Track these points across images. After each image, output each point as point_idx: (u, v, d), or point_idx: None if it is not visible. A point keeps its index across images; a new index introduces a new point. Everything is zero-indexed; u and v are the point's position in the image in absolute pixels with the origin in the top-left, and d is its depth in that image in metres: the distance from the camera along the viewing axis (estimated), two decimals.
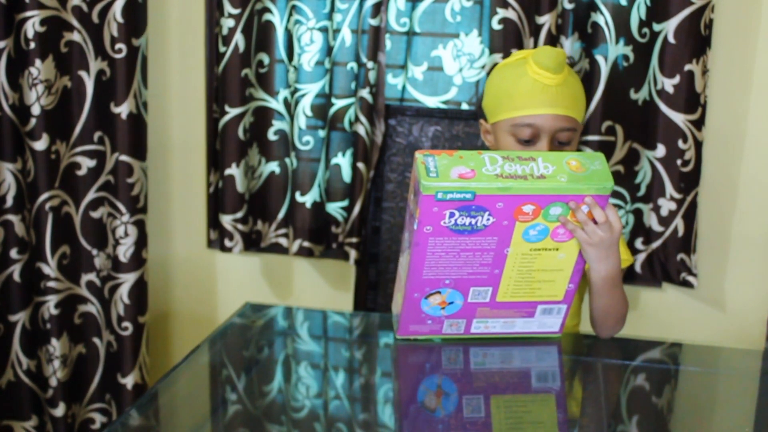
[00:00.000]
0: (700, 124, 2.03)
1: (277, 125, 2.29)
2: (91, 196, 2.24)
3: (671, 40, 1.98)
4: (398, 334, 1.55)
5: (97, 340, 2.31)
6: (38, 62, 2.10)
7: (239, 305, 1.78)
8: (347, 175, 2.26)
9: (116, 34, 2.14)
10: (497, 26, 2.06)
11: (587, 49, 2.08)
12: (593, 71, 2.08)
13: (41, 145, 2.14)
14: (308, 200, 2.28)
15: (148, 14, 2.19)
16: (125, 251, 2.24)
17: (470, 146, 2.09)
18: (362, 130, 2.17)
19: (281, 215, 2.33)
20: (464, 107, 2.21)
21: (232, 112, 2.23)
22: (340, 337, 1.77)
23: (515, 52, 1.81)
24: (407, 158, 2.14)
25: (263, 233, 2.35)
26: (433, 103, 2.23)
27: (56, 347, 2.24)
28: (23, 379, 2.29)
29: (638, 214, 2.13)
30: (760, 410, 1.43)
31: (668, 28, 1.98)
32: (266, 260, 2.41)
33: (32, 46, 2.09)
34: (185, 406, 1.42)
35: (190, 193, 2.41)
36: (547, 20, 2.02)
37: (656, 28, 2.00)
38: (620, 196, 2.13)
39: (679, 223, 2.08)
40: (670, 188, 2.06)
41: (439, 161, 1.38)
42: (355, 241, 2.23)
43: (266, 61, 2.26)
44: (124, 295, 2.26)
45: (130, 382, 2.29)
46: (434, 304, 1.50)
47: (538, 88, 1.59)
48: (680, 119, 2.02)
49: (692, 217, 2.08)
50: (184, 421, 1.37)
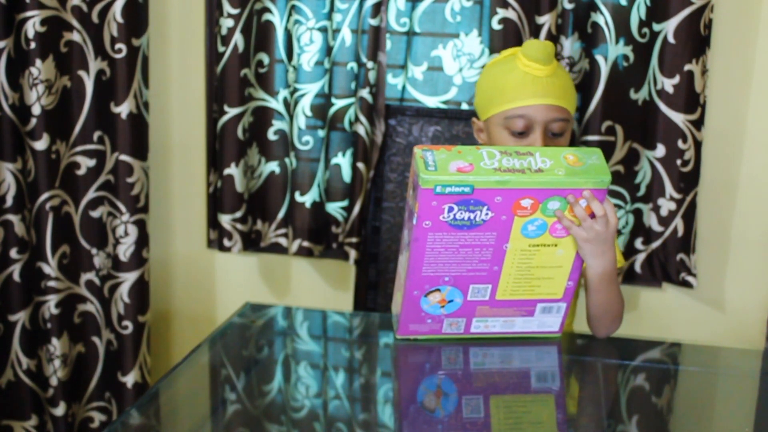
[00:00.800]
0: (699, 124, 2.03)
1: (276, 125, 2.29)
2: (90, 195, 2.24)
3: (671, 40, 1.98)
4: (398, 333, 1.56)
5: (96, 339, 2.31)
6: (38, 62, 2.10)
7: (239, 305, 1.78)
8: (347, 175, 2.26)
9: (116, 34, 2.15)
10: (497, 26, 2.06)
11: (587, 49, 2.08)
12: (593, 71, 2.08)
13: (41, 144, 2.14)
14: (308, 200, 2.28)
15: (149, 14, 2.19)
16: (125, 250, 2.24)
17: (470, 145, 2.09)
18: (362, 130, 2.17)
19: (281, 215, 2.33)
20: (464, 107, 2.21)
21: (231, 111, 2.23)
22: (340, 337, 1.77)
23: (504, 50, 1.81)
24: (407, 158, 2.14)
25: (263, 233, 2.35)
26: (433, 103, 2.23)
27: (56, 347, 2.24)
28: (23, 378, 2.29)
29: (638, 214, 2.13)
30: (760, 410, 1.44)
31: (668, 28, 1.98)
32: (266, 260, 2.41)
33: (32, 46, 2.09)
34: (185, 405, 1.42)
35: (189, 192, 2.41)
36: (547, 20, 2.02)
37: (656, 28, 2.00)
38: (620, 196, 2.13)
39: (678, 223, 2.08)
40: (669, 188, 2.06)
41: (437, 155, 1.40)
42: (355, 241, 2.23)
43: (266, 60, 2.26)
44: (124, 294, 2.26)
45: (130, 380, 2.29)
46: (434, 302, 1.50)
47: (528, 79, 1.60)
48: (680, 119, 2.02)
49: (692, 217, 2.08)
50: (184, 420, 1.37)
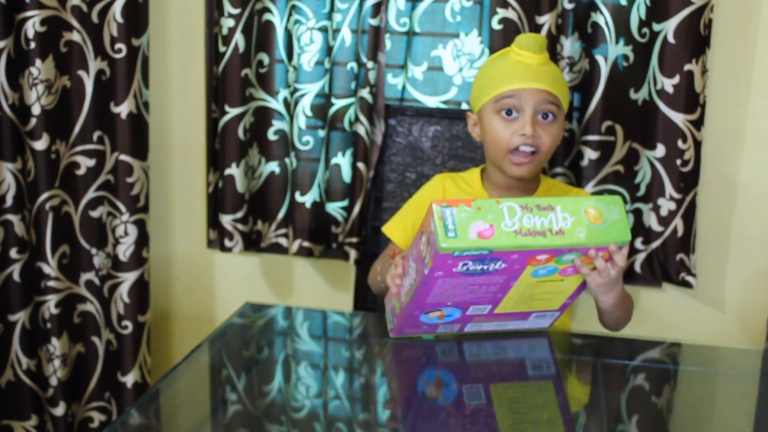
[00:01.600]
0: (699, 124, 2.03)
1: (276, 125, 2.29)
2: (90, 195, 2.24)
3: (671, 40, 1.98)
4: (392, 334, 1.57)
5: (96, 339, 2.31)
6: (38, 62, 2.10)
7: (239, 305, 1.78)
8: (347, 175, 2.26)
9: (116, 34, 2.15)
10: (497, 26, 2.06)
11: (587, 49, 2.08)
12: (593, 71, 2.08)
13: (41, 144, 2.15)
14: (308, 200, 2.28)
15: (149, 14, 2.19)
16: (125, 250, 2.24)
17: (470, 145, 2.09)
18: (362, 130, 2.17)
19: (281, 215, 2.33)
20: (464, 107, 2.21)
21: (232, 112, 2.23)
22: (340, 337, 1.77)
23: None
24: (407, 158, 2.14)
25: (263, 233, 2.35)
26: (433, 103, 2.23)
27: (56, 346, 2.24)
28: (23, 378, 2.29)
29: (638, 213, 2.13)
30: (760, 410, 1.44)
31: (668, 28, 1.98)
32: (266, 260, 2.41)
33: (32, 46, 2.09)
34: (185, 405, 1.42)
35: (189, 192, 2.41)
36: (547, 20, 2.02)
37: (656, 28, 2.00)
38: (620, 195, 2.13)
39: (678, 222, 2.08)
40: (669, 188, 2.06)
41: (457, 216, 1.34)
42: (355, 241, 2.23)
43: (266, 61, 2.26)
44: (124, 294, 2.26)
45: (130, 380, 2.29)
46: (433, 316, 1.51)
47: (519, 66, 1.64)
48: (680, 119, 2.02)
49: (691, 217, 2.08)
50: (184, 420, 1.37)
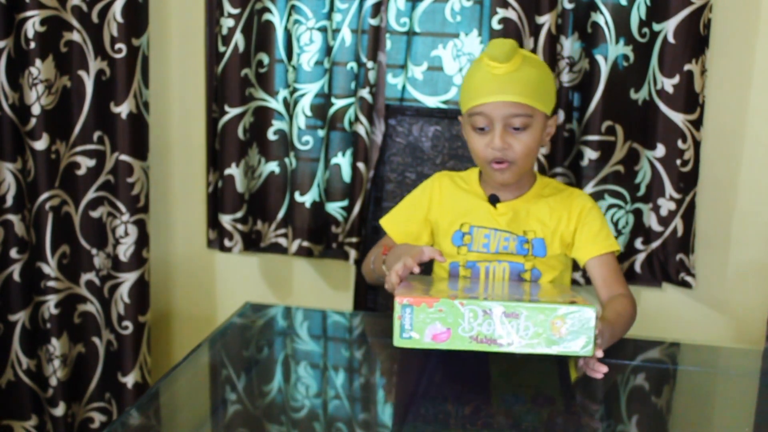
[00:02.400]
0: (698, 124, 2.03)
1: (276, 125, 2.29)
2: (90, 195, 2.24)
3: (671, 40, 1.98)
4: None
5: (96, 339, 2.31)
6: (38, 62, 2.10)
7: (239, 305, 1.78)
8: (347, 174, 2.26)
9: (116, 34, 2.15)
10: (497, 26, 2.06)
11: (587, 49, 2.08)
12: (593, 71, 2.08)
13: (41, 144, 2.14)
14: (308, 200, 2.28)
15: (149, 14, 2.19)
16: (125, 250, 2.24)
17: None
18: (362, 129, 2.17)
19: (281, 215, 2.33)
20: None
21: (231, 112, 2.23)
22: (339, 337, 1.77)
23: None
24: (407, 158, 2.14)
25: (263, 233, 2.35)
26: (433, 102, 2.23)
27: (56, 347, 2.24)
28: (23, 378, 2.29)
29: (638, 214, 2.13)
30: (760, 410, 1.44)
31: (668, 28, 1.98)
32: (266, 260, 2.41)
33: (32, 45, 2.09)
34: (185, 405, 1.42)
35: (189, 192, 2.41)
36: (547, 20, 2.02)
37: (656, 28, 2.00)
38: (620, 196, 2.13)
39: (678, 223, 2.08)
40: (669, 188, 2.06)
41: (416, 317, 1.35)
42: (354, 240, 2.23)
43: (266, 60, 2.26)
44: (124, 294, 2.26)
45: (130, 381, 2.29)
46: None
47: (487, 77, 1.64)
48: (679, 119, 2.02)
49: (691, 217, 2.08)
50: (184, 420, 1.37)
